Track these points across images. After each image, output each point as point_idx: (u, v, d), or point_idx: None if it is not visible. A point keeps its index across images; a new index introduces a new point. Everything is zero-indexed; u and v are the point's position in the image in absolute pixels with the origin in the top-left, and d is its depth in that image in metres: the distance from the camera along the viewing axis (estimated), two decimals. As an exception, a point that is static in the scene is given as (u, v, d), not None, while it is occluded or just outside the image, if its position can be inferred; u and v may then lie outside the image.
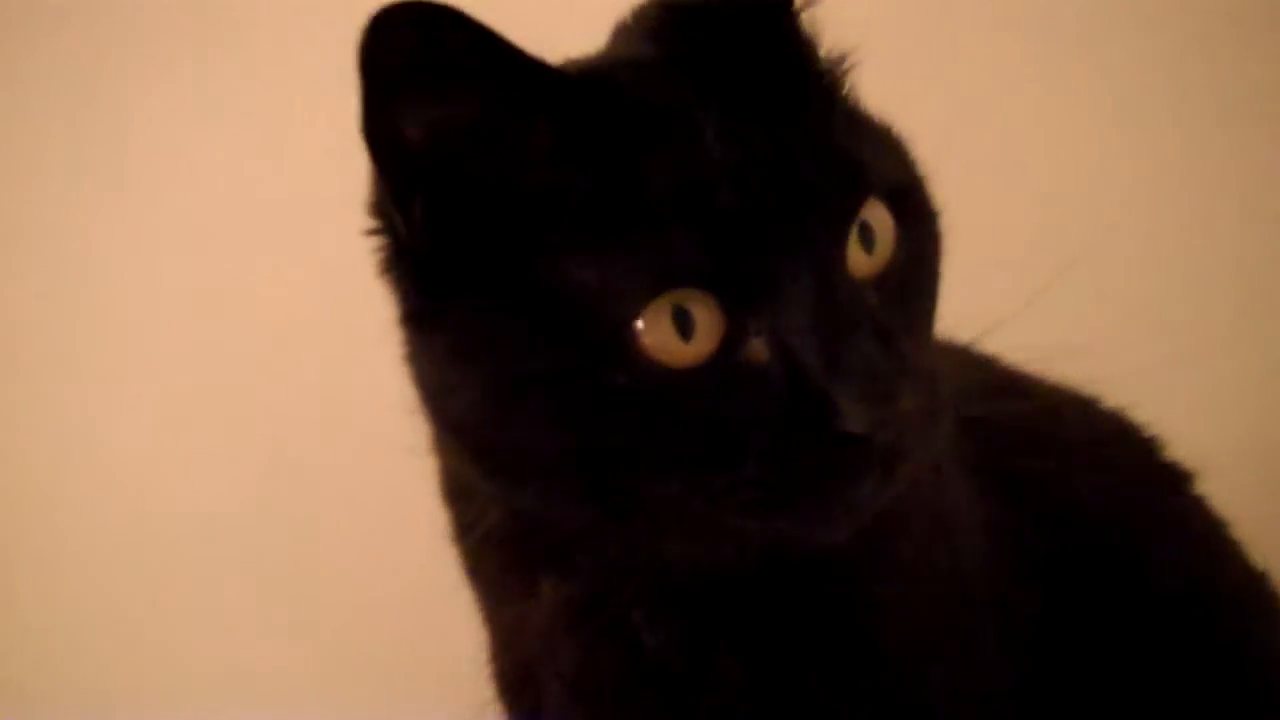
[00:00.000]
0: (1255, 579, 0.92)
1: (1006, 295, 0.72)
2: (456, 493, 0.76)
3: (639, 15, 0.71)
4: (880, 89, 0.70)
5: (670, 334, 0.59)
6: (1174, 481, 0.91)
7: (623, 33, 0.71)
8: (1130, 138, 1.34)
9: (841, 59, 0.71)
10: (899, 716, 0.74)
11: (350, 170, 0.64)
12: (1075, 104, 1.34)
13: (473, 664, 0.83)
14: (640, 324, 0.59)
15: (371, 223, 0.66)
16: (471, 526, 0.74)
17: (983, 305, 0.72)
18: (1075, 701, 0.79)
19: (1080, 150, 1.34)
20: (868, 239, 0.63)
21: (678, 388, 0.60)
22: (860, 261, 0.63)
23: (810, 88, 0.66)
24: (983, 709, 0.76)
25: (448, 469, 0.75)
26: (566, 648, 0.74)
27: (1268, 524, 0.90)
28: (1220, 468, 0.91)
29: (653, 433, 0.60)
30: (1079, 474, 0.84)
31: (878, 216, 0.64)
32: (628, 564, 0.69)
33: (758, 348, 0.60)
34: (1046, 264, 0.83)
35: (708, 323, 0.60)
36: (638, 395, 0.60)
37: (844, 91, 0.70)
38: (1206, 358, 1.26)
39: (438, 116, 0.60)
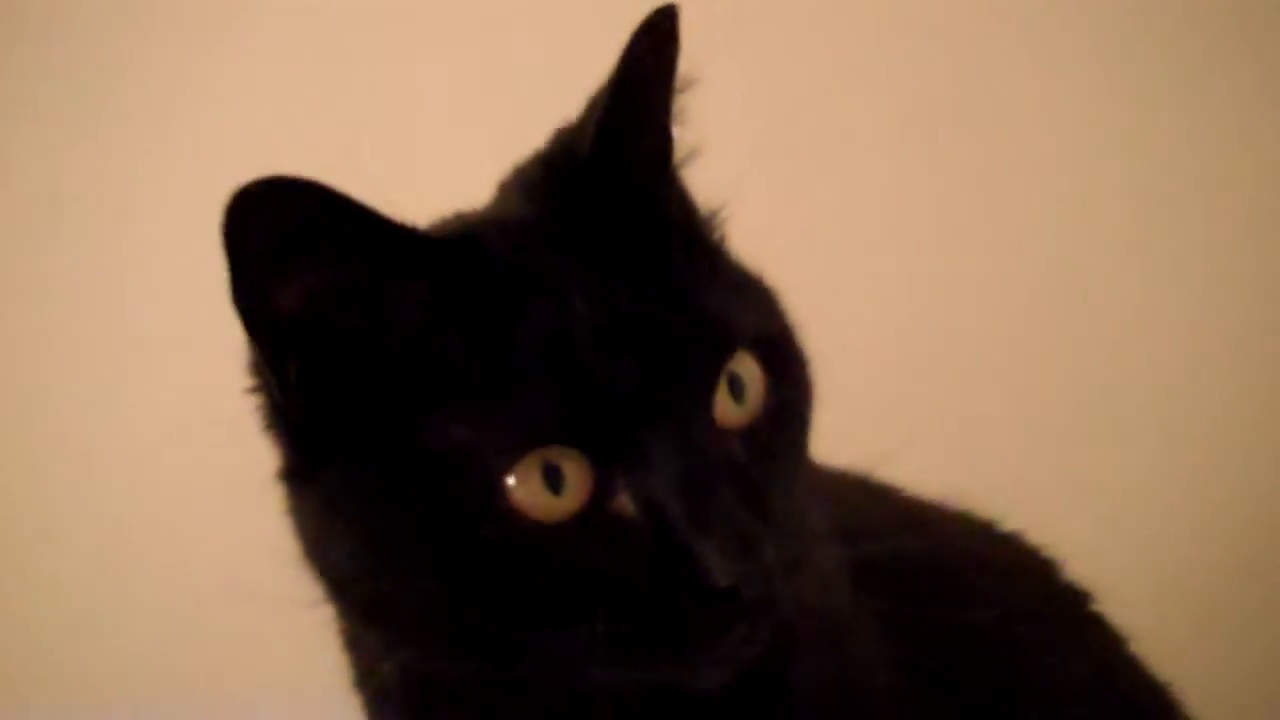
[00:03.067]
0: (1157, 691, 0.93)
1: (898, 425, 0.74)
2: (349, 642, 0.76)
3: (519, 173, 0.73)
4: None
5: (540, 490, 0.61)
6: (1072, 601, 0.93)
7: (505, 190, 0.73)
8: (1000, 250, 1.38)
9: (714, 214, 0.73)
10: None
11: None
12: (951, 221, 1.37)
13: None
14: (511, 480, 0.60)
15: (250, 381, 0.67)
16: (366, 678, 0.75)
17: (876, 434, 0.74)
18: None
19: (950, 277, 1.37)
20: (737, 390, 0.65)
21: (547, 541, 0.61)
22: (730, 412, 0.65)
23: (677, 243, 0.68)
24: None
25: (340, 619, 0.75)
26: None
27: (1168, 636, 0.91)
28: (1119, 583, 0.93)
29: (522, 584, 0.61)
30: (977, 604, 0.84)
31: (746, 368, 0.65)
32: (521, 715, 0.70)
33: (625, 502, 0.62)
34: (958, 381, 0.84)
35: (577, 478, 0.61)
36: (508, 548, 0.61)
37: (714, 243, 0.72)
38: (1103, 475, 1.28)
39: (306, 286, 0.62)
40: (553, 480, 0.61)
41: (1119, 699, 0.90)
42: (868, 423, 0.77)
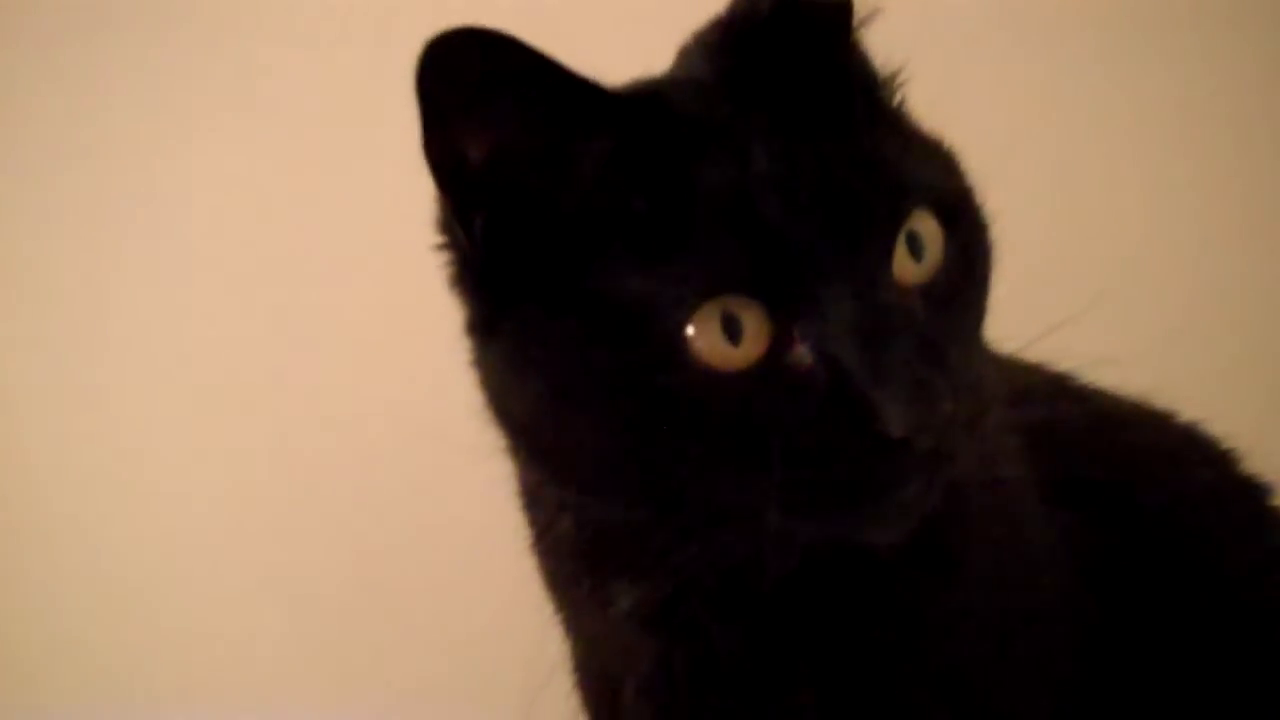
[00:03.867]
0: None
1: (1057, 307, 0.73)
2: (529, 500, 0.79)
3: (699, 37, 0.74)
4: (931, 103, 0.71)
5: (719, 339, 0.62)
6: (1251, 493, 0.91)
7: (685, 55, 0.74)
8: (1177, 150, 1.34)
9: (893, 74, 0.73)
10: None
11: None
12: (1126, 115, 1.34)
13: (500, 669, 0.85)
14: (691, 329, 0.62)
15: (439, 239, 0.70)
16: (544, 534, 0.78)
17: (1036, 316, 0.74)
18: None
19: (1130, 162, 1.34)
20: (916, 248, 0.65)
21: (726, 390, 0.62)
22: (909, 270, 0.65)
23: (859, 103, 0.68)
24: None
25: (521, 477, 0.78)
26: (641, 653, 0.77)
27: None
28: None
29: (702, 433, 0.63)
30: (1149, 485, 0.84)
31: (926, 227, 0.66)
32: (694, 568, 0.71)
33: (803, 353, 0.63)
34: (1097, 274, 0.83)
35: (755, 329, 0.62)
36: (688, 397, 0.62)
37: (894, 106, 0.73)
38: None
39: (495, 138, 0.64)
40: (731, 330, 0.62)
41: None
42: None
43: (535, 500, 0.78)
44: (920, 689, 0.74)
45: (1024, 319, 0.74)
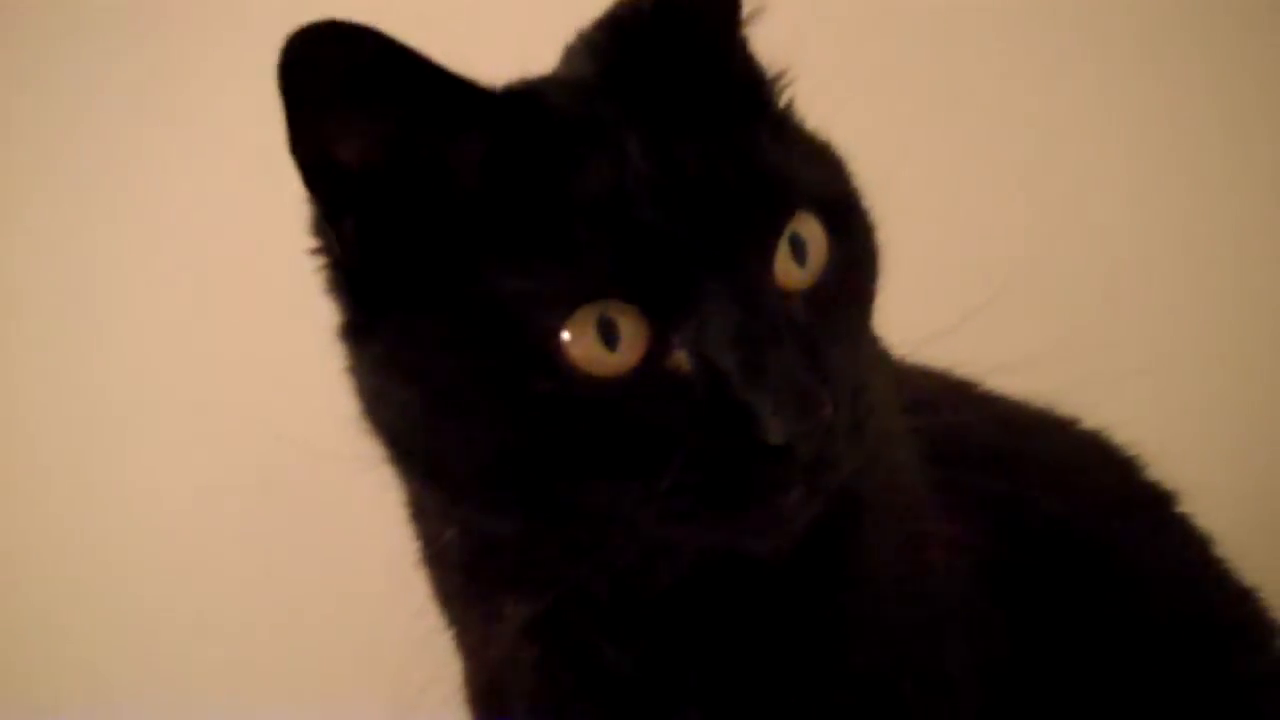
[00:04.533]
0: (1242, 597, 0.90)
1: (957, 308, 0.72)
2: (415, 512, 0.77)
3: (583, 36, 0.72)
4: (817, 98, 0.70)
5: (595, 344, 0.60)
6: (1155, 501, 0.90)
7: (570, 54, 0.72)
8: (1081, 143, 1.34)
9: (779, 74, 0.71)
10: None
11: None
12: (1015, 115, 1.34)
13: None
14: (566, 334, 0.60)
15: (312, 242, 0.68)
16: (430, 546, 0.76)
17: (934, 318, 0.72)
18: None
19: (1025, 162, 1.34)
20: (799, 251, 0.64)
21: (603, 396, 0.60)
22: (792, 274, 0.63)
23: (742, 103, 0.67)
24: None
25: (405, 488, 0.76)
26: (528, 667, 0.75)
27: (1256, 540, 0.89)
28: (1205, 484, 0.90)
29: (578, 439, 0.61)
30: (1052, 493, 0.82)
31: (810, 230, 0.64)
32: (577, 579, 0.69)
33: (681, 358, 0.61)
34: (993, 279, 0.82)
35: (632, 334, 0.60)
36: (564, 402, 0.61)
37: (779, 107, 0.71)
38: (1187, 368, 1.24)
39: (363, 135, 0.62)
40: (607, 335, 0.60)
41: (1200, 601, 0.87)
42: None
43: (420, 511, 0.76)
44: (811, 701, 0.73)
45: (919, 324, 0.73)
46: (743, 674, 0.72)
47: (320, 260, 0.68)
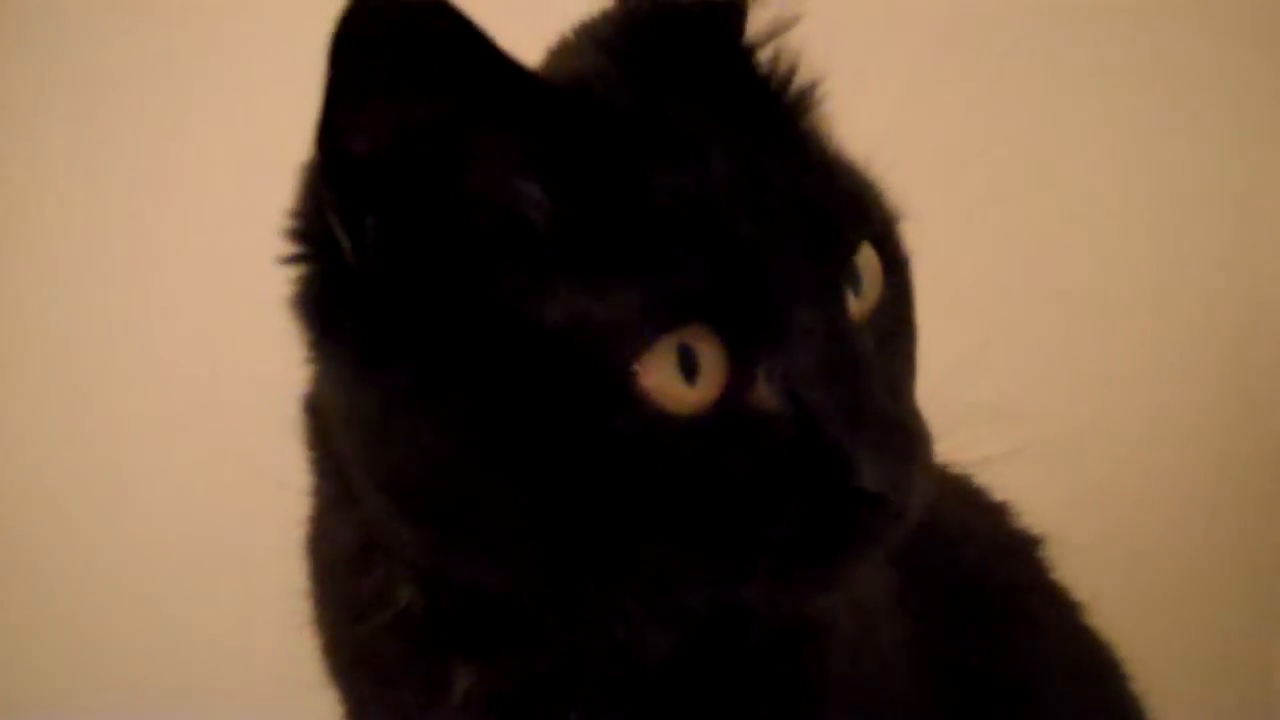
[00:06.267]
0: (1099, 648, 0.91)
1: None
2: (347, 571, 0.65)
3: (587, 30, 0.64)
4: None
5: (674, 376, 0.52)
6: (1024, 546, 0.91)
7: (565, 51, 0.64)
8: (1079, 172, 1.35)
9: (811, 88, 0.64)
10: None
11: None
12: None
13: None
14: (640, 365, 0.52)
15: (293, 248, 0.56)
16: (370, 607, 0.64)
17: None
18: None
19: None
20: (855, 280, 0.58)
21: (680, 437, 0.52)
22: (852, 303, 0.58)
23: (791, 115, 0.61)
24: None
25: (340, 539, 0.65)
26: None
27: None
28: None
29: (646, 488, 0.53)
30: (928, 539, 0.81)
31: (866, 256, 0.59)
32: (567, 648, 0.61)
33: (764, 394, 0.54)
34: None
35: (712, 365, 0.53)
36: (632, 447, 0.52)
37: (819, 123, 0.65)
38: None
39: (409, 117, 0.51)
40: (687, 366, 0.52)
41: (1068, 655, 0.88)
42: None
43: (360, 567, 0.64)
44: None
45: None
46: None
47: (300, 270, 0.56)
